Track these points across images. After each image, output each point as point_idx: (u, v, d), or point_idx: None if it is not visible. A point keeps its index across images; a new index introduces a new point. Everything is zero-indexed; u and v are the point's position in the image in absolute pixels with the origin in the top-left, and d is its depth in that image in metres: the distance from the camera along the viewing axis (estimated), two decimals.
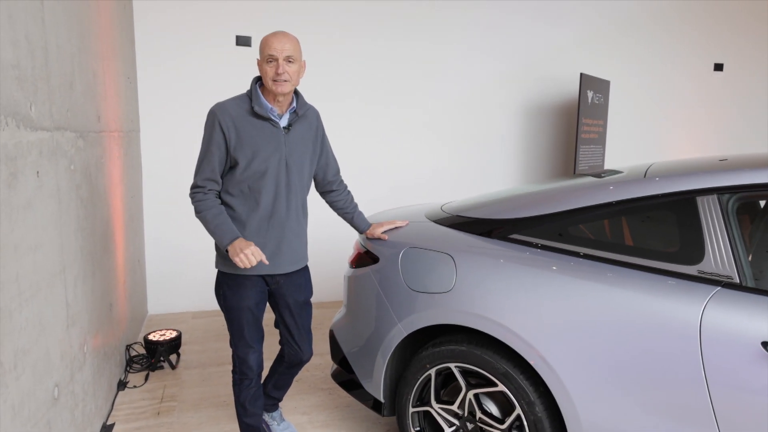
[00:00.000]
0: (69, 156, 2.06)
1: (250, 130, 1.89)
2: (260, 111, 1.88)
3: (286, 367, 2.21)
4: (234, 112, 1.89)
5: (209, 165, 1.89)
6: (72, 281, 2.04)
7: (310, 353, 2.18)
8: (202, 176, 1.90)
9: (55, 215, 1.85)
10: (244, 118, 1.89)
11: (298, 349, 2.15)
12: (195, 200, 1.92)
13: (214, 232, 1.89)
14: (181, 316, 4.04)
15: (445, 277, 1.92)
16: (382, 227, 2.23)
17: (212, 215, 1.89)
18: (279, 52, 1.83)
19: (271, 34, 1.87)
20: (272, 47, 1.83)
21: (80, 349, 2.12)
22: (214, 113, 1.89)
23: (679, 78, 5.23)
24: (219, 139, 1.87)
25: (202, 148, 1.91)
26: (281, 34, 1.86)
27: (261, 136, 1.90)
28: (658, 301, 1.54)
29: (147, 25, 3.80)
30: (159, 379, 3.01)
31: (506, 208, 2.03)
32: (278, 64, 1.83)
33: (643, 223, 1.73)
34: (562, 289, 1.68)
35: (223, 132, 1.87)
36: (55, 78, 1.90)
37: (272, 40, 1.84)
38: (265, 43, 1.85)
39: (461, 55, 4.54)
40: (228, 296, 2.00)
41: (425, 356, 1.98)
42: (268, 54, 1.83)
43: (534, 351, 1.70)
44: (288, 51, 1.84)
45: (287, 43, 1.85)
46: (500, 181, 4.83)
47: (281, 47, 1.83)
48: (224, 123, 1.87)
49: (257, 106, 1.88)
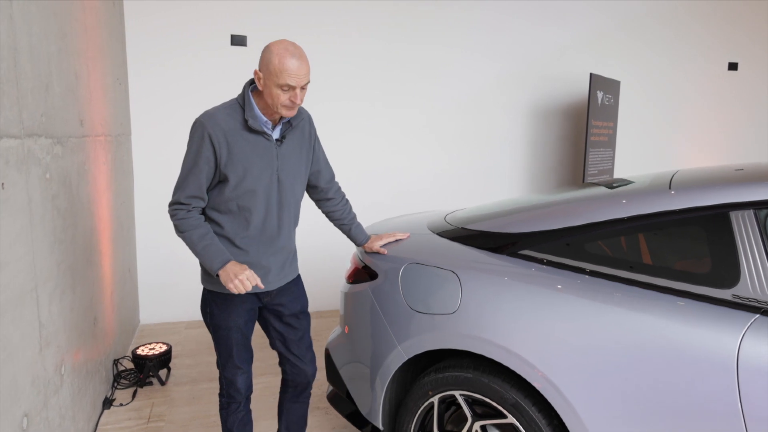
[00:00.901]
0: (44, 164, 1.91)
1: (243, 145, 1.71)
2: (254, 125, 1.70)
3: (293, 394, 2.03)
4: (225, 126, 1.69)
5: (196, 181, 1.71)
6: (46, 298, 1.89)
7: (314, 368, 2.01)
8: (187, 193, 1.72)
9: (25, 229, 1.70)
10: (236, 133, 1.70)
11: (300, 365, 1.96)
12: (177, 218, 1.73)
13: (201, 255, 1.71)
14: (174, 326, 3.89)
15: (449, 297, 1.76)
16: (382, 240, 2.07)
17: (198, 236, 1.71)
18: (299, 81, 1.60)
19: (287, 55, 1.58)
20: (292, 75, 1.58)
21: (56, 371, 1.97)
22: (202, 125, 1.68)
23: (692, 78, 5.06)
24: (208, 155, 1.69)
25: (188, 161, 1.72)
26: (299, 58, 1.59)
27: (254, 151, 1.72)
28: (688, 328, 1.38)
29: (138, 23, 3.65)
30: (147, 396, 2.86)
31: (516, 221, 1.87)
32: (296, 93, 1.62)
33: (670, 240, 1.57)
34: (579, 313, 1.52)
35: (214, 147, 1.68)
36: (26, 80, 1.75)
37: (291, 66, 1.58)
38: (282, 68, 1.58)
39: (464, 55, 4.38)
40: (215, 314, 1.85)
41: (428, 382, 1.83)
42: (287, 83, 1.59)
43: (547, 381, 1.54)
44: (306, 77, 1.63)
45: (306, 67, 1.62)
46: (505, 185, 4.66)
47: (303, 75, 1.61)
48: (215, 138, 1.67)
49: (251, 119, 1.70)
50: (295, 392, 2.01)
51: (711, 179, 1.64)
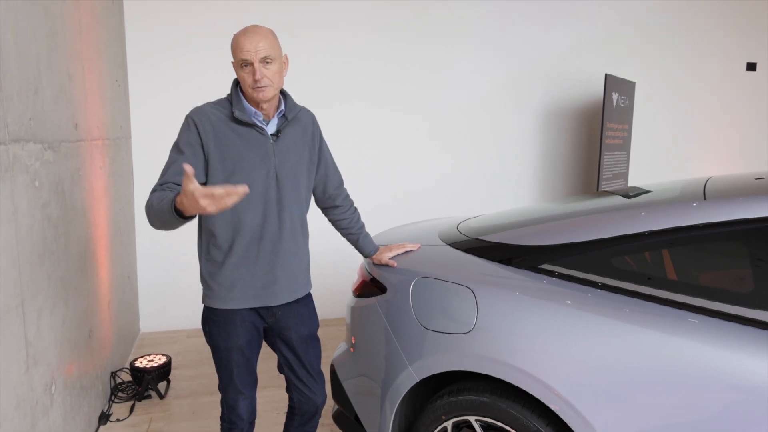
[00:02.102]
0: (32, 171, 1.80)
1: (232, 138, 1.60)
2: (241, 116, 1.59)
3: (300, 422, 1.88)
4: (213, 117, 1.60)
5: (177, 170, 1.56)
6: (34, 314, 1.78)
7: (323, 396, 1.86)
8: (163, 179, 1.56)
9: (9, 242, 1.59)
10: (224, 124, 1.60)
11: (308, 393, 1.82)
12: (148, 201, 1.50)
13: (161, 211, 1.43)
14: (175, 335, 3.78)
15: (463, 315, 1.63)
16: (391, 252, 1.94)
17: (157, 197, 1.47)
18: (253, 54, 1.52)
19: (240, 33, 1.55)
20: (243, 49, 1.52)
21: (46, 391, 1.86)
22: (190, 116, 1.61)
23: (709, 78, 4.90)
24: (193, 141, 1.58)
25: (171, 152, 1.60)
26: (252, 32, 1.54)
27: (244, 145, 1.61)
28: (727, 353, 1.25)
29: (138, 22, 3.54)
30: (146, 410, 2.75)
31: (535, 232, 1.74)
32: (254, 68, 1.53)
33: (705, 255, 1.44)
34: (607, 335, 1.39)
35: (200, 135, 1.58)
36: (11, 82, 1.64)
37: (242, 41, 1.53)
38: (236, 45, 1.54)
39: (471, 55, 4.24)
40: (214, 334, 1.72)
41: (440, 406, 1.70)
42: (241, 58, 1.53)
43: (573, 410, 1.40)
44: (263, 51, 1.53)
45: (261, 41, 1.53)
46: (514, 188, 4.52)
47: (254, 48, 1.52)
48: (201, 126, 1.58)
49: (238, 110, 1.60)
50: (302, 420, 1.87)
51: (751, 189, 1.51)
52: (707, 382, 1.27)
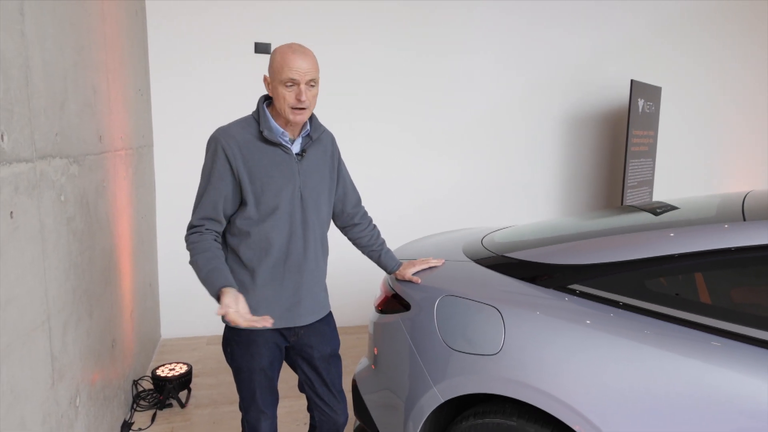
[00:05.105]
0: (58, 186, 1.81)
1: (260, 158, 1.59)
2: (270, 136, 1.58)
3: None
4: (240, 138, 1.59)
5: (210, 201, 1.59)
6: (60, 329, 1.79)
7: (345, 415, 1.85)
8: (200, 214, 1.60)
9: (36, 259, 1.60)
10: (252, 145, 1.59)
11: (330, 413, 1.81)
12: (189, 243, 1.61)
13: (205, 281, 1.55)
14: (195, 341, 3.80)
15: (490, 336, 1.59)
16: (414, 267, 1.91)
17: (205, 260, 1.56)
18: (302, 75, 1.51)
19: (289, 51, 1.52)
20: (293, 68, 1.50)
21: (71, 404, 1.87)
22: (216, 139, 1.59)
23: (737, 84, 4.77)
24: (223, 170, 1.58)
25: (203, 181, 1.61)
26: (302, 52, 1.53)
27: (271, 164, 1.60)
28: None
29: (160, 32, 3.57)
30: (167, 419, 2.76)
31: (565, 250, 1.70)
32: (300, 90, 1.51)
33: (748, 279, 1.38)
34: (644, 362, 1.34)
35: (229, 161, 1.57)
36: (39, 99, 1.65)
37: (292, 60, 1.50)
38: (283, 63, 1.51)
39: (492, 65, 4.19)
40: (237, 355, 1.71)
41: (466, 428, 1.66)
42: (289, 77, 1.51)
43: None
44: (311, 73, 1.53)
45: (310, 63, 1.52)
46: (535, 196, 4.46)
47: (304, 69, 1.51)
48: (229, 150, 1.57)
49: (266, 130, 1.59)
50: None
51: None
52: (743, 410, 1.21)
